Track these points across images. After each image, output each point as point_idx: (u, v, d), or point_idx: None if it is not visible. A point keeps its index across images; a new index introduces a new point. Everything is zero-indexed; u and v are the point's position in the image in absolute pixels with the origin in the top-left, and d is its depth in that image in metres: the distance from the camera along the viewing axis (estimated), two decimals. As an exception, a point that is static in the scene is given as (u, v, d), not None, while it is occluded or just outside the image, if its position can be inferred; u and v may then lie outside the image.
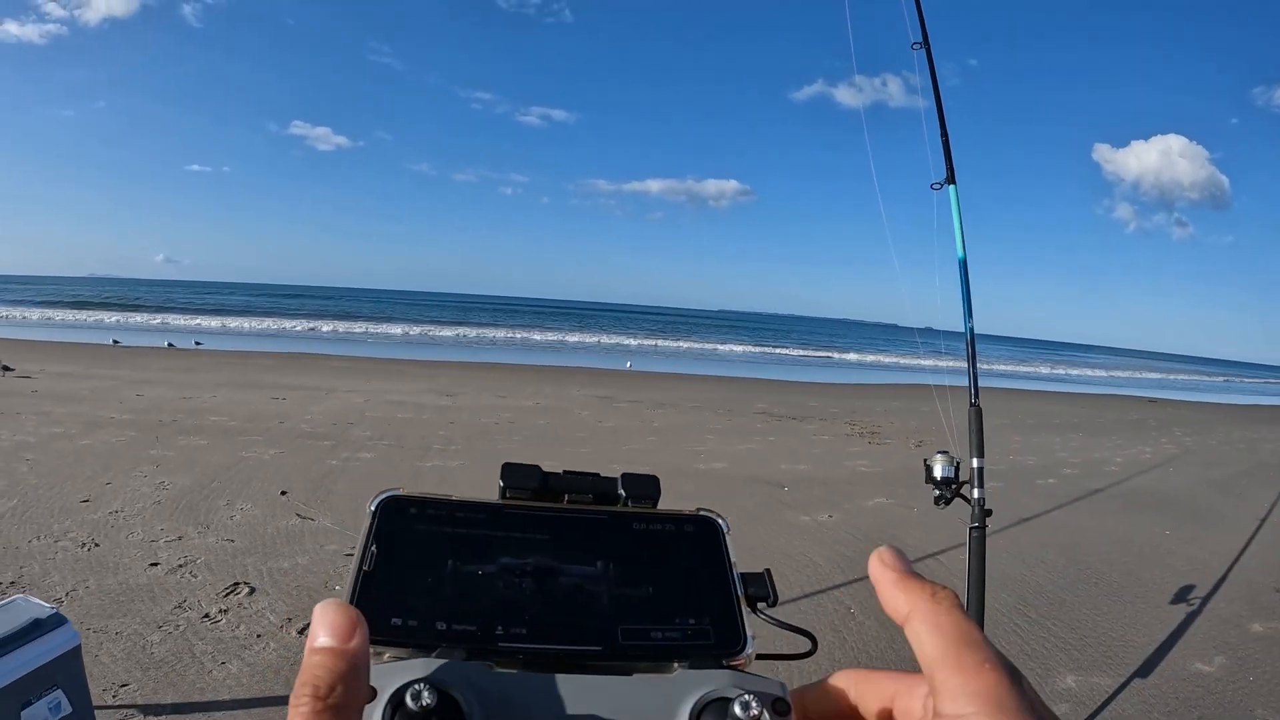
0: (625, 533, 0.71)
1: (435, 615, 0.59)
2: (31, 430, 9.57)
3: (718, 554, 0.70)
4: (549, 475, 0.74)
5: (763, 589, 0.72)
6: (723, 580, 0.69)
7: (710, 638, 0.63)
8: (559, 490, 0.73)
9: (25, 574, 5.15)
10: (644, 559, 0.69)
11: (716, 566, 0.69)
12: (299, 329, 39.53)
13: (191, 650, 4.24)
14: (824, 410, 17.22)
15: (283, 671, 4.06)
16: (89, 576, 5.17)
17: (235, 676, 3.99)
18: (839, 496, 8.88)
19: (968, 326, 3.34)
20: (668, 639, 0.63)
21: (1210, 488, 11.37)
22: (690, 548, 0.71)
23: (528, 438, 11.27)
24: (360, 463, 8.90)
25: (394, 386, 16.28)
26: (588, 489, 0.75)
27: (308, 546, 5.99)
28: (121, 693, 3.80)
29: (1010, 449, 13.42)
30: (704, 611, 0.66)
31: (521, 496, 0.72)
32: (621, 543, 0.70)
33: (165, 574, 5.29)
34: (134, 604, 4.79)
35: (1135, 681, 4.63)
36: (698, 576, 0.68)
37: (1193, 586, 6.48)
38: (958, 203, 3.37)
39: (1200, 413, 25.52)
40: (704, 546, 0.71)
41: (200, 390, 13.96)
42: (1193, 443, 16.74)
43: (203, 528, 6.27)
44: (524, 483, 0.72)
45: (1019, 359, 61.83)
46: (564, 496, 0.73)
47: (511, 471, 0.73)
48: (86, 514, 6.46)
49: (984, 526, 3.15)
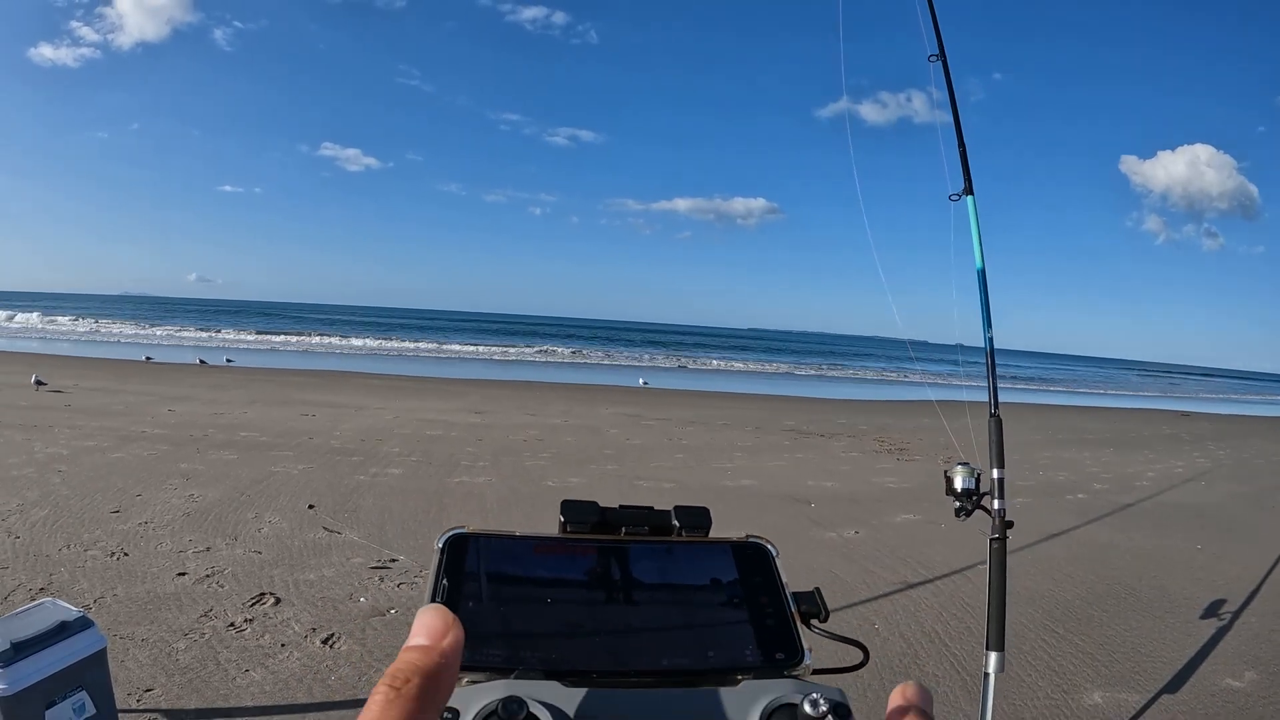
0: (682, 560, 0.76)
1: (508, 642, 0.63)
2: (64, 443, 9.75)
3: (770, 576, 0.75)
4: (606, 510, 0.78)
5: (814, 606, 0.78)
6: (777, 599, 0.73)
7: (770, 653, 0.68)
8: (616, 523, 0.78)
9: (54, 581, 5.23)
10: (702, 583, 0.74)
11: (770, 587, 0.74)
12: (329, 347, 39.98)
13: (216, 658, 4.28)
14: (852, 427, 17.12)
15: (305, 680, 4.09)
16: (117, 584, 5.25)
17: (258, 684, 4.03)
18: (866, 513, 8.82)
19: (987, 338, 3.33)
20: (731, 655, 0.67)
21: (1244, 502, 11.18)
22: (744, 572, 0.75)
23: (555, 455, 11.29)
24: (388, 478, 8.94)
25: (425, 404, 16.41)
26: (643, 521, 0.79)
27: (334, 559, 6.03)
28: (146, 697, 3.84)
29: (1041, 464, 13.28)
30: (762, 629, 0.70)
31: (581, 530, 0.76)
32: (680, 568, 0.75)
33: (193, 583, 5.36)
34: (160, 612, 4.85)
35: (1164, 697, 4.54)
36: (753, 597, 0.73)
37: (1224, 601, 6.36)
38: (976, 213, 3.36)
39: (1235, 426, 25.10)
40: (758, 569, 0.76)
41: (231, 406, 14.16)
42: (1226, 456, 16.46)
43: (231, 539, 6.34)
44: (583, 517, 0.77)
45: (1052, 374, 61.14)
46: (621, 529, 0.77)
47: (571, 508, 0.77)
48: (116, 524, 6.56)
49: (1004, 538, 3.12)
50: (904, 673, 4.65)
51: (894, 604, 5.83)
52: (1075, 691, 4.56)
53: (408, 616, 4.99)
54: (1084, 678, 4.77)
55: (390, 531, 6.78)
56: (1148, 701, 4.49)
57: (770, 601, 0.73)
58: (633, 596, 0.72)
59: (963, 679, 4.58)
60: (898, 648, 5.01)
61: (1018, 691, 4.48)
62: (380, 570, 5.82)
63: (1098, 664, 4.99)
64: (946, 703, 4.26)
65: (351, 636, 4.65)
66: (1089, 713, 4.31)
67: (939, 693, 4.38)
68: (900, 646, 5.02)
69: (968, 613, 5.67)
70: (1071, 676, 4.77)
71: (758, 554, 0.77)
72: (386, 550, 6.28)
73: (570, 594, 0.70)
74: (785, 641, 0.69)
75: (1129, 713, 4.35)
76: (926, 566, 6.74)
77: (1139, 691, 4.62)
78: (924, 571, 6.60)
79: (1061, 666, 4.92)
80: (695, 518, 0.80)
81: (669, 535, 0.79)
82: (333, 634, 4.66)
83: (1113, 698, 4.51)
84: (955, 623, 5.49)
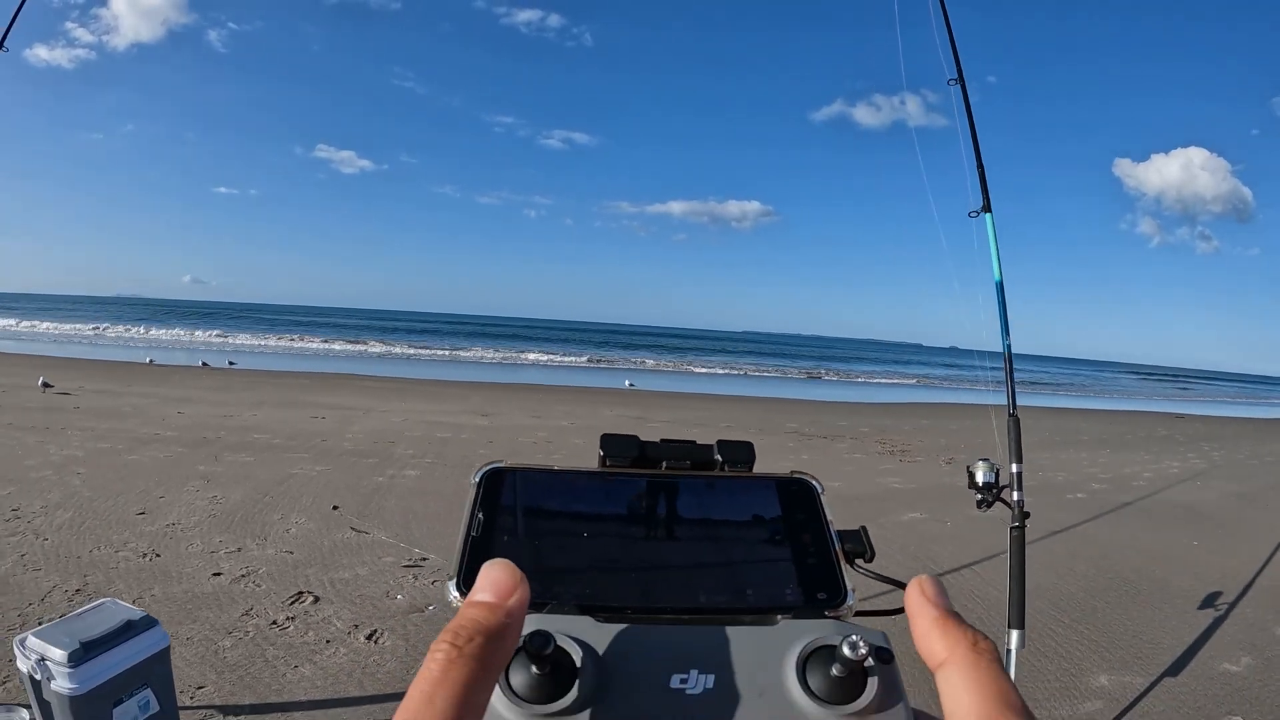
0: (724, 494, 0.74)
1: (542, 576, 0.62)
2: (79, 445, 9.89)
3: (815, 513, 0.73)
4: (646, 444, 0.77)
5: (860, 545, 0.78)
6: (821, 537, 0.71)
7: (811, 592, 0.66)
8: (656, 458, 0.77)
9: (90, 582, 5.36)
10: (743, 519, 0.73)
11: (815, 525, 0.72)
12: (329, 349, 40.09)
13: (263, 655, 4.43)
14: (854, 429, 17.30)
15: (355, 674, 4.26)
16: (153, 585, 5.40)
17: (309, 679, 4.18)
18: (872, 513, 9.00)
19: (1005, 344, 3.56)
20: (770, 593, 0.65)
21: (1238, 500, 11.42)
22: (788, 508, 0.73)
23: (566, 456, 11.38)
24: (406, 480, 9.11)
25: (430, 406, 16.54)
26: (685, 455, 0.78)
27: (365, 558, 6.20)
28: (199, 694, 3.99)
29: (1040, 465, 13.46)
30: (804, 568, 0.68)
31: (620, 465, 0.76)
32: (721, 504, 0.73)
33: (229, 583, 5.51)
34: (201, 611, 4.99)
35: (1165, 680, 4.77)
36: (797, 534, 0.71)
37: (1220, 593, 6.59)
38: (994, 229, 3.58)
39: (1229, 427, 25.34)
40: (802, 506, 0.74)
41: (239, 408, 14.27)
42: (1220, 457, 16.70)
43: (260, 540, 6.50)
44: (624, 451, 0.76)
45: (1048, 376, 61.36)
46: (662, 464, 0.77)
47: (610, 442, 0.76)
48: (144, 526, 6.70)
49: (1023, 526, 3.37)
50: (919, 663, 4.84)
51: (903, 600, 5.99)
52: (1082, 675, 4.78)
53: (446, 613, 5.15)
54: (1090, 663, 4.98)
55: (416, 531, 6.96)
56: (1151, 684, 4.72)
57: (814, 540, 0.71)
58: (672, 532, 0.71)
59: (976, 667, 4.78)
60: (908, 642, 5.20)
61: (1029, 675, 4.70)
62: (413, 569, 6.00)
63: (1102, 650, 5.20)
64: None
65: (394, 632, 4.82)
66: (1095, 694, 4.53)
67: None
68: (910, 641, 5.21)
69: (978, 604, 5.88)
70: (1079, 661, 4.99)
71: (803, 490, 0.75)
72: (416, 549, 6.46)
73: (606, 529, 0.70)
74: (828, 581, 0.67)
75: (1133, 694, 4.57)
76: (935, 562, 6.94)
77: (1142, 675, 4.84)
78: (933, 567, 6.80)
79: (1069, 652, 5.13)
80: (738, 452, 0.78)
81: (711, 469, 0.77)
82: (375, 630, 4.82)
83: (1118, 680, 4.73)
84: (966, 614, 5.54)
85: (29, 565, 5.61)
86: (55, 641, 3.00)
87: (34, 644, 3.01)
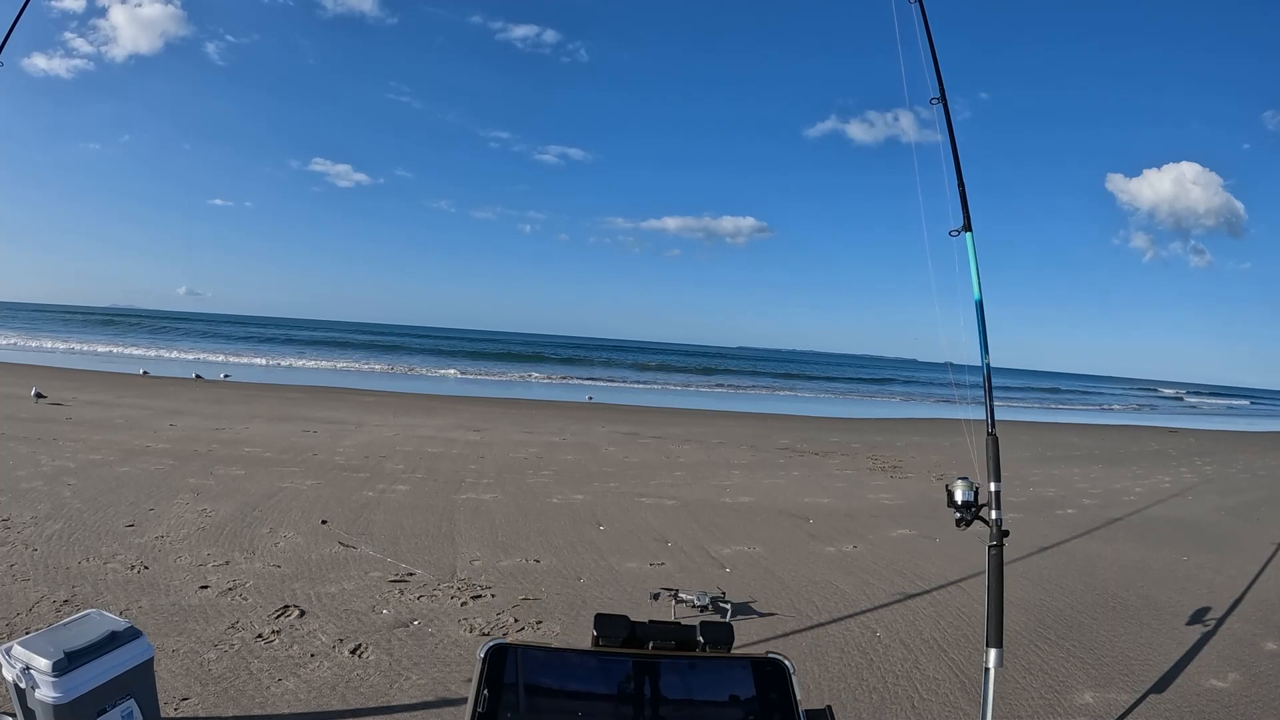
0: (704, 674, 0.84)
1: None
2: (70, 456, 9.90)
3: (785, 693, 0.83)
4: (636, 624, 0.87)
5: None
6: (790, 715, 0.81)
7: None
8: (644, 638, 0.87)
9: (78, 593, 5.34)
10: (720, 699, 0.82)
11: (785, 705, 0.82)
12: (322, 364, 39.99)
13: (248, 667, 4.42)
14: (846, 445, 17.36)
15: (338, 688, 4.24)
16: (141, 597, 5.38)
17: (293, 693, 4.17)
18: (863, 528, 9.03)
19: (984, 362, 3.58)
20: None
21: (1229, 515, 11.46)
22: (762, 688, 0.83)
23: (556, 472, 11.47)
24: (396, 494, 9.11)
25: (421, 421, 16.57)
26: (670, 636, 0.88)
27: (352, 573, 6.20)
28: (183, 706, 3.97)
29: (1031, 481, 13.51)
30: None
31: (611, 644, 0.85)
32: (701, 684, 0.83)
33: (216, 596, 5.50)
34: (188, 623, 4.98)
35: (1151, 697, 4.76)
36: (768, 715, 0.81)
37: (1209, 608, 6.60)
38: (974, 249, 3.61)
39: (1221, 441, 25.43)
40: (775, 685, 0.83)
41: (232, 422, 14.28)
42: (1212, 471, 16.76)
43: (248, 553, 6.49)
44: (614, 632, 0.86)
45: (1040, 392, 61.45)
46: (649, 644, 0.86)
47: (603, 622, 0.87)
48: (132, 538, 6.69)
49: (1001, 545, 3.39)
50: (905, 677, 4.86)
51: (894, 613, 6.02)
52: (1067, 692, 4.78)
53: (430, 628, 5.17)
54: (1075, 679, 4.98)
55: (404, 546, 6.95)
56: (1136, 700, 4.71)
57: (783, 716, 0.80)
58: (657, 711, 0.80)
59: (961, 681, 4.79)
60: (899, 654, 5.21)
61: (1013, 692, 4.69)
62: (399, 584, 5.99)
63: (1088, 667, 5.21)
64: (946, 703, 4.47)
65: (378, 647, 4.81)
66: (1080, 711, 4.53)
67: (939, 694, 4.60)
68: (901, 653, 5.22)
69: (964, 621, 5.88)
70: (1063, 678, 4.99)
71: (775, 671, 0.84)
72: (403, 564, 6.46)
73: (599, 709, 0.77)
74: None
75: (1118, 711, 4.57)
76: (923, 578, 6.95)
77: (1128, 692, 4.84)
78: (921, 583, 6.80)
79: (1053, 669, 5.13)
80: (718, 633, 0.88)
81: (693, 650, 0.87)
82: (360, 644, 4.82)
83: (1103, 697, 4.73)
84: (952, 630, 5.70)
85: (17, 575, 5.60)
86: (40, 651, 3.01)
87: (19, 653, 3.02)
